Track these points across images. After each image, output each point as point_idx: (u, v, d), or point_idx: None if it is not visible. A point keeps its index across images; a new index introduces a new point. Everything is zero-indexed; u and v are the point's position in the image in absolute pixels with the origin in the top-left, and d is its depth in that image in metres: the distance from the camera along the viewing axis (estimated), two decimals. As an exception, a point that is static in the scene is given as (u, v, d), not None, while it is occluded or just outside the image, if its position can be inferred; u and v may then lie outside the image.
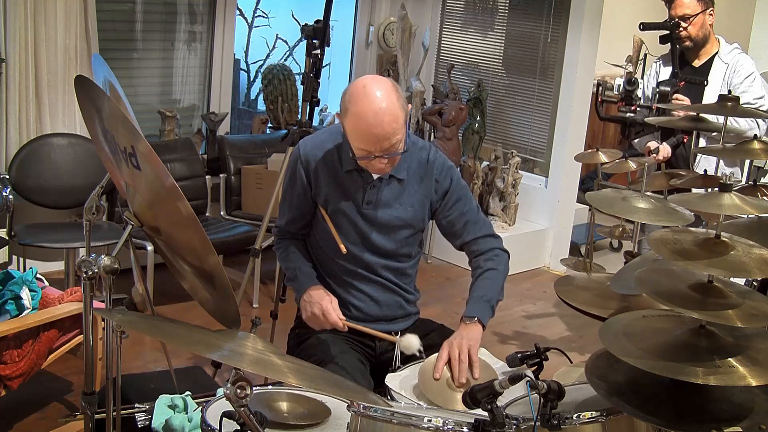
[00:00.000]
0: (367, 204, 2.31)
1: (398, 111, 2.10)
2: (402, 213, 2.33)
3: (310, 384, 1.59)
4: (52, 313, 2.72)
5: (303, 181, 2.34)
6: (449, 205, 2.37)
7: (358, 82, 2.14)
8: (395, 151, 2.15)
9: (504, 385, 1.47)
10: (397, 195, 2.32)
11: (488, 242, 2.40)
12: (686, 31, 3.50)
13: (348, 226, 2.33)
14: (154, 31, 4.94)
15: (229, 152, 4.89)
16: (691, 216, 1.95)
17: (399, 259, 2.39)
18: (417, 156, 2.33)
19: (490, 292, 2.30)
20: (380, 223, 2.32)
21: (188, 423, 2.27)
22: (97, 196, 2.01)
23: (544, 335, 4.31)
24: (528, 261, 5.37)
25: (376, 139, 2.10)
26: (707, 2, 3.50)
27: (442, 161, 2.37)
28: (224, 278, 1.73)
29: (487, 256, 2.38)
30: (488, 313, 2.26)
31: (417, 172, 2.33)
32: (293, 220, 2.43)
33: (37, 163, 4.07)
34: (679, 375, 1.41)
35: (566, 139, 5.27)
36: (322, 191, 2.33)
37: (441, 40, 6.04)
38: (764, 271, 1.54)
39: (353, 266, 2.36)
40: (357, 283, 2.37)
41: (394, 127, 2.10)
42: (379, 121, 2.08)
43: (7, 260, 4.12)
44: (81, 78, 1.80)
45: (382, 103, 2.07)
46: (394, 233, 2.34)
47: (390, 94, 2.10)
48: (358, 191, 2.31)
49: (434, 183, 2.35)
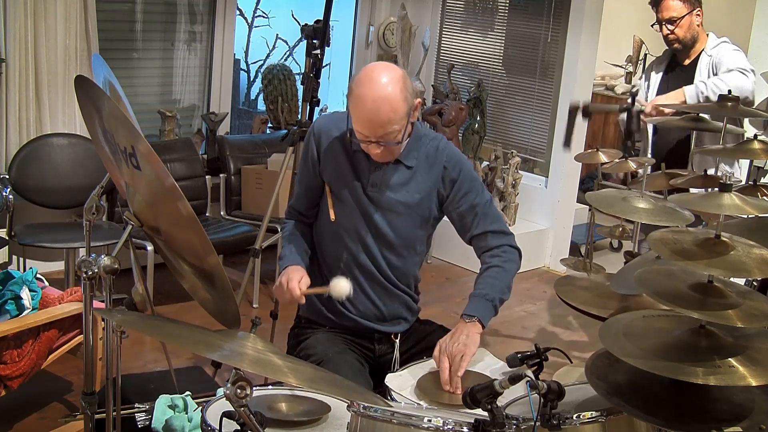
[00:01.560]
0: (372, 186, 2.29)
1: (399, 102, 2.10)
2: (408, 198, 2.30)
3: (310, 384, 1.59)
4: (52, 313, 2.72)
5: (313, 155, 2.35)
6: (458, 196, 2.32)
7: (368, 66, 2.16)
8: (390, 141, 2.15)
9: (504, 385, 1.47)
10: (404, 181, 2.30)
11: (498, 238, 2.33)
12: (674, 34, 3.51)
13: (352, 205, 2.31)
14: (154, 31, 4.95)
15: (229, 152, 4.89)
16: (691, 216, 1.95)
17: (401, 250, 2.34)
18: (428, 146, 2.32)
19: (494, 291, 2.24)
20: (384, 206, 2.30)
21: (188, 423, 2.27)
22: (97, 196, 2.01)
23: (544, 335, 4.31)
24: (528, 261, 5.31)
25: (371, 124, 2.12)
26: (693, 3, 3.50)
27: (451, 152, 2.34)
28: (224, 278, 1.73)
29: (494, 252, 2.32)
30: (490, 312, 2.21)
31: (426, 160, 2.31)
32: (300, 196, 2.43)
33: (37, 163, 4.07)
34: (679, 375, 1.41)
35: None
36: (329, 167, 2.33)
37: (441, 40, 6.04)
38: (764, 271, 1.53)
39: (354, 255, 2.32)
40: (358, 280, 2.34)
41: (391, 117, 2.10)
42: (375, 108, 2.09)
43: (7, 260, 4.12)
44: (81, 78, 1.80)
45: (384, 90, 2.09)
46: (397, 218, 2.31)
47: (395, 83, 2.10)
48: (364, 172, 2.30)
49: (442, 170, 2.31)
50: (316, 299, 2.41)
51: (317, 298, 2.40)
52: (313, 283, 2.29)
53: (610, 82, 7.06)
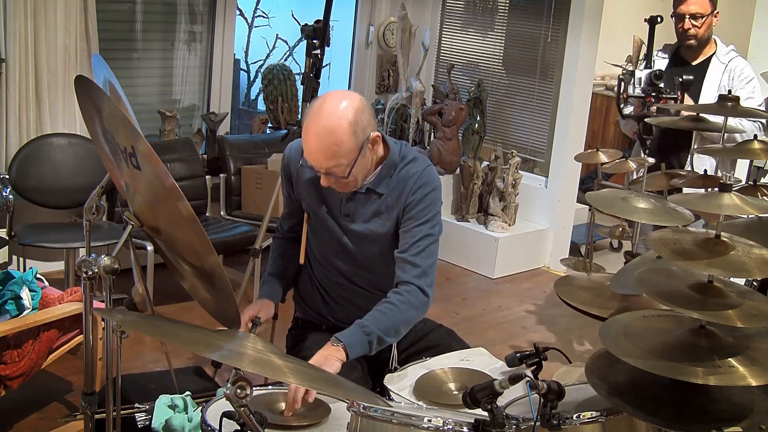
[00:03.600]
0: (345, 216, 2.28)
1: (345, 137, 2.01)
2: (379, 228, 2.25)
3: (310, 384, 1.59)
4: (52, 313, 2.72)
5: (288, 182, 2.36)
6: (407, 217, 2.22)
7: (322, 96, 2.09)
8: (337, 174, 2.08)
9: (504, 385, 1.47)
10: (375, 209, 2.25)
11: (413, 274, 2.18)
12: (695, 30, 3.50)
13: (329, 236, 2.31)
14: (154, 31, 4.95)
15: (229, 152, 4.89)
16: (691, 216, 1.95)
17: (380, 271, 2.32)
18: (402, 172, 2.22)
19: (377, 327, 2.11)
20: (358, 235, 2.27)
21: (188, 423, 2.27)
22: (97, 196, 2.01)
23: (544, 335, 4.31)
24: (528, 261, 5.36)
25: (313, 156, 2.07)
26: (714, 4, 3.51)
27: (424, 177, 2.22)
28: (224, 278, 1.73)
29: (398, 289, 2.18)
30: (362, 346, 2.09)
31: (397, 186, 2.23)
32: (286, 216, 2.47)
33: (37, 163, 4.07)
34: (679, 375, 1.41)
35: (566, 139, 5.27)
36: (304, 196, 2.34)
37: (441, 40, 6.04)
38: (764, 271, 1.54)
39: (335, 275, 2.36)
40: (341, 292, 2.37)
41: (335, 150, 2.02)
42: (318, 140, 2.03)
43: (7, 260, 4.12)
44: (81, 78, 1.80)
45: (328, 122, 2.01)
46: (372, 246, 2.28)
47: (343, 117, 2.01)
48: (336, 202, 2.28)
49: (408, 193, 2.22)
50: (312, 300, 2.43)
51: (313, 299, 2.42)
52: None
53: (610, 82, 7.05)
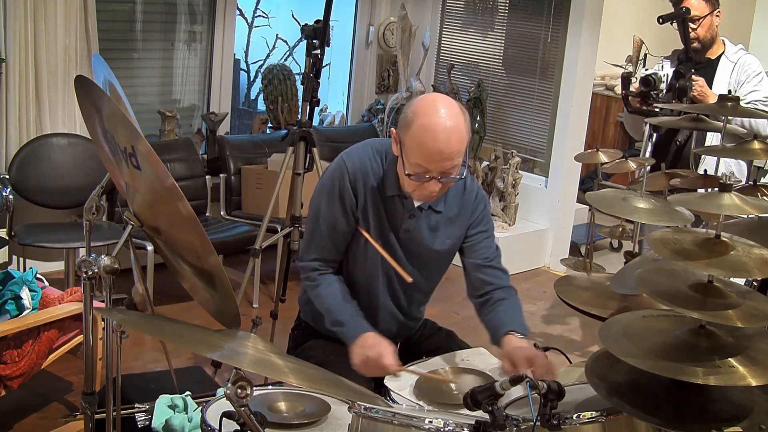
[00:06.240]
0: (405, 232, 2.21)
1: (465, 134, 2.01)
2: (440, 245, 2.25)
3: (311, 384, 1.59)
4: (52, 313, 2.72)
5: (351, 199, 2.18)
6: (476, 231, 2.29)
7: (427, 97, 2.05)
8: (452, 176, 2.04)
9: (505, 387, 1.47)
10: (435, 227, 2.23)
11: (504, 279, 2.30)
12: (695, 33, 3.49)
13: (379, 258, 2.23)
14: (154, 31, 4.95)
15: (229, 152, 4.89)
16: (691, 216, 1.95)
17: (426, 290, 2.35)
18: (454, 186, 2.20)
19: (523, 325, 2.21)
20: (415, 253, 2.24)
21: (188, 423, 2.27)
22: (97, 196, 2.01)
23: (544, 335, 4.31)
24: (528, 261, 5.37)
25: (440, 156, 1.99)
26: (714, 3, 3.49)
27: (477, 188, 2.29)
28: (224, 278, 1.73)
29: (509, 291, 2.28)
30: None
31: (453, 202, 2.24)
32: (324, 243, 2.23)
33: (37, 163, 4.07)
34: (679, 375, 1.41)
35: (566, 139, 5.27)
36: (369, 212, 2.20)
37: (441, 40, 6.04)
38: (764, 271, 1.53)
39: (372, 298, 2.28)
40: (367, 315, 2.25)
41: (459, 149, 2.00)
42: (446, 137, 1.97)
43: (7, 260, 4.12)
44: (81, 78, 1.80)
45: (452, 120, 1.98)
46: (428, 265, 2.28)
47: (459, 114, 2.01)
48: (397, 218, 2.20)
49: (471, 211, 2.27)
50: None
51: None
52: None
53: (610, 82, 7.06)
